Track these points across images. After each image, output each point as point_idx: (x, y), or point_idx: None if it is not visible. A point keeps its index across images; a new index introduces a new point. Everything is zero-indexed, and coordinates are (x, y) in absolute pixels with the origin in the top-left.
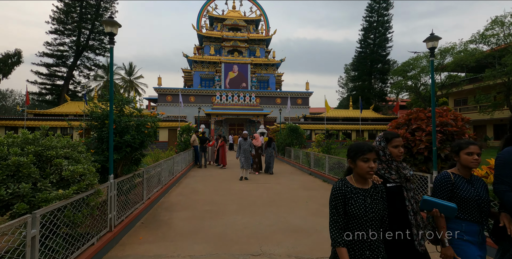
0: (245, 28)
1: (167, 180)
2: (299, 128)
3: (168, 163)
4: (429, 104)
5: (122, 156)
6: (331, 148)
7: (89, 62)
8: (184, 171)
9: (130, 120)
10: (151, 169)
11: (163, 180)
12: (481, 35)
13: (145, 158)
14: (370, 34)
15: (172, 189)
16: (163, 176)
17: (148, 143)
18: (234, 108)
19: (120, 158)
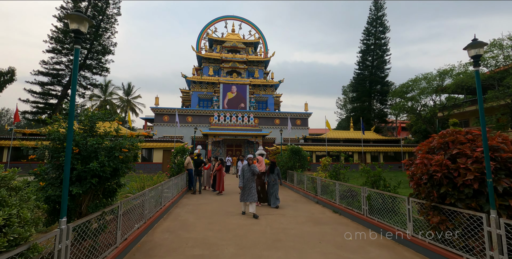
0: (244, 50)
1: (152, 212)
2: (301, 150)
3: (155, 191)
4: (430, 126)
5: (87, 189)
6: (340, 173)
7: (85, 81)
8: (175, 198)
9: (101, 142)
10: (131, 201)
11: (147, 213)
12: None
13: (130, 184)
14: (368, 56)
15: (158, 223)
16: (147, 208)
17: (125, 170)
18: (232, 129)
19: (84, 192)
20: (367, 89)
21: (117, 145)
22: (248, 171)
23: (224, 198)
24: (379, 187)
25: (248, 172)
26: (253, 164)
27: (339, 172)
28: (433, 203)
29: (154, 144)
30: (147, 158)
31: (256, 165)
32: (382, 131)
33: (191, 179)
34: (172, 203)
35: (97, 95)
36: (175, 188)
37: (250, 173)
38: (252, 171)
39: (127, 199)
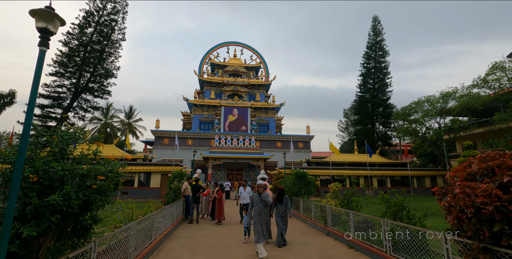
0: (245, 74)
1: (140, 249)
2: (307, 175)
3: (146, 221)
4: (436, 149)
5: (45, 229)
6: (352, 201)
7: (86, 104)
8: (170, 229)
9: (71, 167)
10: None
11: (131, 251)
12: (482, 80)
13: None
14: (369, 79)
15: None
16: (133, 244)
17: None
18: (233, 152)
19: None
20: (369, 112)
21: (91, 172)
22: (259, 202)
23: (224, 229)
24: (402, 219)
25: (260, 203)
26: (265, 192)
27: (351, 200)
28: (483, 244)
29: (152, 168)
30: (144, 182)
31: (269, 194)
32: (386, 154)
33: (188, 206)
34: (166, 235)
35: (98, 118)
36: (169, 217)
37: (262, 204)
38: (265, 201)
39: (106, 236)
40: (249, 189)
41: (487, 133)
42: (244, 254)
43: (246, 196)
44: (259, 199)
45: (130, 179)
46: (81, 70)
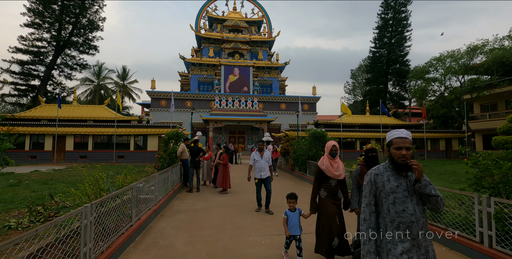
0: (246, 30)
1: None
2: (326, 135)
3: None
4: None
5: None
6: None
7: (71, 60)
8: (163, 201)
9: None
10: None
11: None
12: None
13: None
14: (385, 32)
15: (122, 256)
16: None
17: None
18: (235, 114)
19: None
20: (383, 70)
21: None
22: (259, 162)
23: (230, 200)
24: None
25: (262, 161)
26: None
27: None
28: None
29: (149, 130)
30: (141, 145)
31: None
32: (399, 116)
33: (186, 172)
34: (156, 210)
35: (90, 79)
36: (163, 185)
37: (264, 162)
38: (269, 157)
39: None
40: (268, 154)
41: None
42: (263, 240)
43: (265, 167)
44: (259, 158)
45: (125, 142)
46: (61, 20)
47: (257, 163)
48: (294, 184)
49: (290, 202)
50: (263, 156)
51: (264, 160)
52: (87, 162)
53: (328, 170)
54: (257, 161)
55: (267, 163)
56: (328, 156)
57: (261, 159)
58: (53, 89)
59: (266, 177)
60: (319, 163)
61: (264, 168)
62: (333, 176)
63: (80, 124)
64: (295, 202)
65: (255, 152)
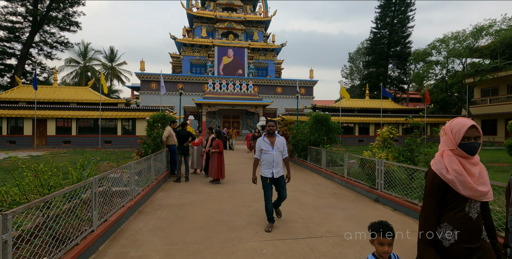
0: (241, 9)
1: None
2: (329, 119)
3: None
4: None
5: None
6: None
7: (51, 38)
8: (145, 192)
9: None
10: None
11: None
12: None
13: None
14: (388, 11)
15: None
16: None
17: None
18: (229, 98)
19: None
20: (384, 51)
21: None
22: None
23: (223, 191)
24: None
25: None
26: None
27: (414, 152)
28: None
29: (137, 114)
30: (129, 130)
31: None
32: (398, 100)
33: (173, 159)
34: (131, 207)
35: (75, 61)
36: (143, 175)
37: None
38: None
39: None
40: (282, 141)
41: None
42: (264, 248)
43: (278, 160)
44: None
45: (112, 127)
46: None
47: (266, 154)
48: (294, 172)
49: (381, 243)
50: (274, 144)
51: (276, 150)
52: (71, 147)
53: (463, 183)
54: (266, 152)
55: (280, 154)
56: (457, 151)
57: (272, 149)
58: (32, 69)
59: (279, 176)
60: (434, 165)
61: (277, 162)
62: (475, 196)
63: (62, 107)
64: (391, 243)
65: (262, 138)
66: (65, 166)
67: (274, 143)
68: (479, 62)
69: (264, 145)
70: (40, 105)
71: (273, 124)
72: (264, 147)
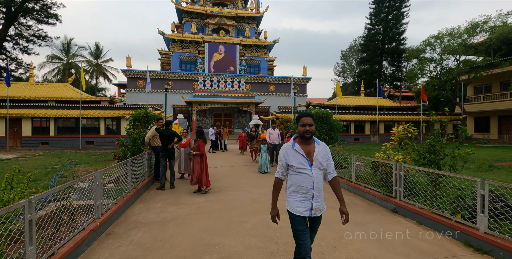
0: (232, 4)
1: None
2: (331, 116)
3: None
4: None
5: None
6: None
7: (27, 31)
8: (119, 206)
9: None
10: None
11: None
12: None
13: None
14: (383, 7)
15: None
16: None
17: None
18: (221, 96)
19: None
20: (379, 48)
21: None
22: None
23: (213, 201)
24: None
25: None
26: None
27: (439, 154)
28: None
29: (122, 112)
30: (114, 130)
31: None
32: (395, 97)
33: (157, 164)
34: (97, 228)
35: (58, 57)
36: (120, 184)
37: None
38: None
39: None
40: (325, 150)
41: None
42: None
43: (319, 186)
44: None
45: (95, 126)
46: None
47: (300, 174)
48: None
49: None
50: (314, 157)
51: (316, 166)
52: (49, 149)
53: None
54: (300, 171)
55: (323, 173)
56: None
57: (310, 165)
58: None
59: (320, 215)
60: None
61: (319, 189)
62: None
63: (39, 105)
64: None
65: (290, 145)
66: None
67: (313, 155)
68: (472, 59)
69: (295, 157)
70: (14, 104)
71: (310, 121)
72: (296, 162)
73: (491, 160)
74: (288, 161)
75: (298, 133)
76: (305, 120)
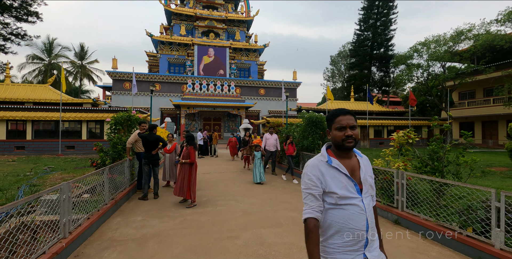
0: (222, 7)
1: None
2: (325, 121)
3: None
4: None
5: None
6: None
7: (4, 29)
8: (93, 221)
9: None
10: None
11: None
12: (508, 14)
13: None
14: (371, 13)
15: None
16: None
17: None
18: (210, 99)
19: None
20: (368, 53)
21: None
22: None
23: (202, 213)
24: None
25: None
26: None
27: (443, 161)
28: None
29: (106, 116)
30: (97, 133)
31: None
32: (384, 103)
33: (140, 171)
34: (63, 250)
35: (39, 57)
36: (98, 195)
37: None
38: None
39: None
40: (368, 162)
41: (504, 77)
42: None
43: (373, 219)
44: None
45: (77, 130)
46: None
47: (345, 209)
48: (286, 182)
49: None
50: (361, 177)
51: (367, 192)
52: (25, 154)
53: None
54: (346, 201)
55: (372, 201)
56: None
57: (360, 193)
58: None
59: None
60: None
61: (373, 230)
62: None
63: (15, 107)
64: None
65: (322, 159)
66: None
67: (360, 175)
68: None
69: (336, 180)
70: None
71: (352, 121)
72: (339, 187)
73: (481, 165)
74: (326, 187)
75: (333, 141)
76: (344, 119)
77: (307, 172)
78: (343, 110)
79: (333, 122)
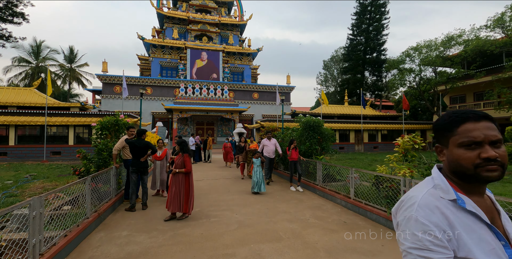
0: (215, 11)
1: None
2: (322, 125)
3: None
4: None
5: None
6: None
7: None
8: (72, 237)
9: None
10: None
11: None
12: (497, 20)
13: None
14: (364, 18)
15: None
16: None
17: None
18: (203, 103)
19: None
20: (361, 58)
21: None
22: None
23: (194, 226)
24: None
25: None
26: None
27: None
28: None
29: (94, 120)
30: (85, 139)
31: None
32: (377, 107)
33: (127, 180)
34: None
35: (26, 60)
36: (78, 208)
37: None
38: None
39: None
40: None
41: (494, 82)
42: None
43: None
44: None
45: (63, 135)
46: None
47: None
48: (283, 189)
49: None
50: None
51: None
52: (7, 160)
53: None
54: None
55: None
56: None
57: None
58: None
59: None
60: None
61: None
62: None
63: None
64: None
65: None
66: None
67: (503, 224)
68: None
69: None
70: None
71: (495, 133)
72: (484, 252)
73: None
74: (458, 248)
75: (452, 165)
76: (479, 129)
77: (418, 218)
78: (473, 113)
79: (452, 132)
